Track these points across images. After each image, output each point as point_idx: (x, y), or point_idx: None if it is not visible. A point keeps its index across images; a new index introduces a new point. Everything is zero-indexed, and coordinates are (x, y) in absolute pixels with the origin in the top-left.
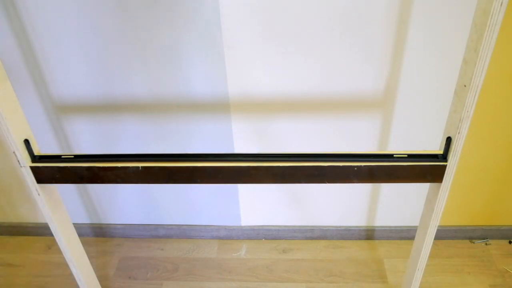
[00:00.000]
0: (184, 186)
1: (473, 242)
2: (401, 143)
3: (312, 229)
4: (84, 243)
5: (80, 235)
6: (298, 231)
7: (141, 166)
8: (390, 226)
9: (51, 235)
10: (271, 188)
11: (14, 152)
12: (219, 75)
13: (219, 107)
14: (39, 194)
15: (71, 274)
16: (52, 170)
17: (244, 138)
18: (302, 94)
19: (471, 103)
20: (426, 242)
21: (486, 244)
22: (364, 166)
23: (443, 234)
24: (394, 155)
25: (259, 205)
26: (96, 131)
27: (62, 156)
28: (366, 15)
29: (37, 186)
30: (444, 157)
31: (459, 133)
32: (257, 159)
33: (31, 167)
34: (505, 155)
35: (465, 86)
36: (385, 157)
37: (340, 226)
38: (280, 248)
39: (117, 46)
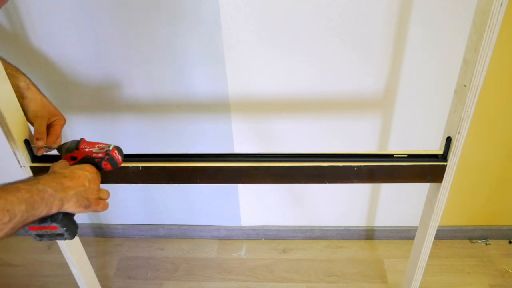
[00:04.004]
0: (184, 186)
1: (473, 242)
2: (401, 143)
3: (312, 229)
4: (84, 243)
5: (80, 235)
6: (298, 231)
7: (141, 166)
8: (390, 226)
9: None
10: (271, 188)
11: (14, 152)
12: (219, 75)
13: (219, 107)
14: None
15: (71, 274)
16: None
17: (244, 138)
18: (302, 94)
19: (471, 103)
20: (426, 242)
21: (486, 244)
22: (364, 166)
23: (443, 234)
24: (394, 155)
25: (259, 205)
26: (96, 131)
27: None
28: (366, 15)
29: None
30: (444, 157)
31: (459, 133)
32: (257, 159)
33: (31, 167)
34: (505, 155)
35: (465, 86)
36: (385, 157)
37: (340, 226)
38: (280, 248)
39: (117, 46)
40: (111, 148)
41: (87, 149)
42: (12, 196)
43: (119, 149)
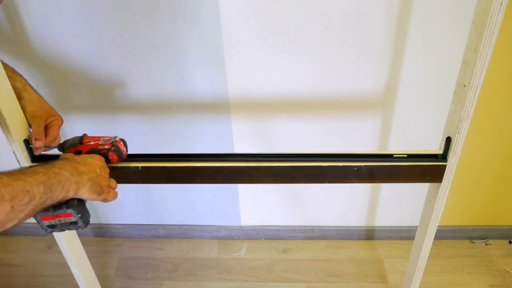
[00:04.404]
0: (184, 186)
1: (473, 242)
2: (401, 143)
3: (312, 229)
4: (84, 243)
5: (80, 235)
6: (298, 231)
7: (141, 166)
8: (390, 226)
9: (51, 235)
10: (271, 188)
11: (14, 152)
12: (219, 75)
13: (219, 107)
14: None
15: (71, 274)
16: None
17: (244, 138)
18: (302, 94)
19: (470, 103)
20: (426, 242)
21: (486, 244)
22: (364, 166)
23: (443, 234)
24: (394, 155)
25: (259, 205)
26: (96, 131)
27: None
28: (366, 14)
29: None
30: (443, 157)
31: (458, 133)
32: (257, 159)
33: (31, 167)
34: (505, 155)
35: (464, 86)
36: (385, 157)
37: (340, 226)
38: (280, 248)
39: (117, 46)
40: (117, 139)
41: (92, 143)
42: (30, 177)
43: (124, 141)
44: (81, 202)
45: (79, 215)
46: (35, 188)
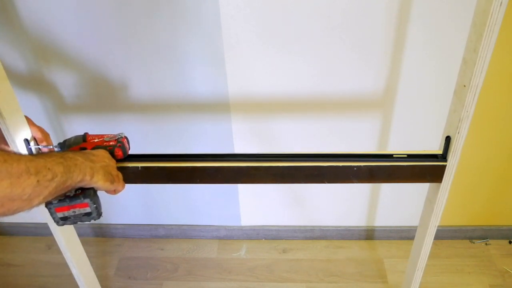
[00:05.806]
0: (184, 186)
1: (473, 242)
2: (401, 143)
3: (312, 229)
4: (84, 243)
5: (80, 235)
6: (298, 231)
7: (141, 166)
8: (390, 226)
9: (51, 235)
10: (271, 188)
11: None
12: (219, 75)
13: (219, 107)
14: None
15: (71, 274)
16: None
17: (244, 138)
18: (302, 94)
19: (470, 103)
20: (426, 242)
21: (486, 244)
22: (364, 166)
23: (443, 234)
24: (394, 155)
25: (259, 205)
26: (95, 131)
27: None
28: (366, 15)
29: None
30: (443, 157)
31: (458, 133)
32: (257, 159)
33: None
34: (505, 155)
35: (464, 86)
36: (384, 157)
37: (340, 226)
38: (280, 248)
39: (117, 46)
40: (122, 135)
41: (96, 140)
42: (49, 158)
43: (127, 139)
44: (96, 193)
45: (95, 206)
46: (56, 167)
